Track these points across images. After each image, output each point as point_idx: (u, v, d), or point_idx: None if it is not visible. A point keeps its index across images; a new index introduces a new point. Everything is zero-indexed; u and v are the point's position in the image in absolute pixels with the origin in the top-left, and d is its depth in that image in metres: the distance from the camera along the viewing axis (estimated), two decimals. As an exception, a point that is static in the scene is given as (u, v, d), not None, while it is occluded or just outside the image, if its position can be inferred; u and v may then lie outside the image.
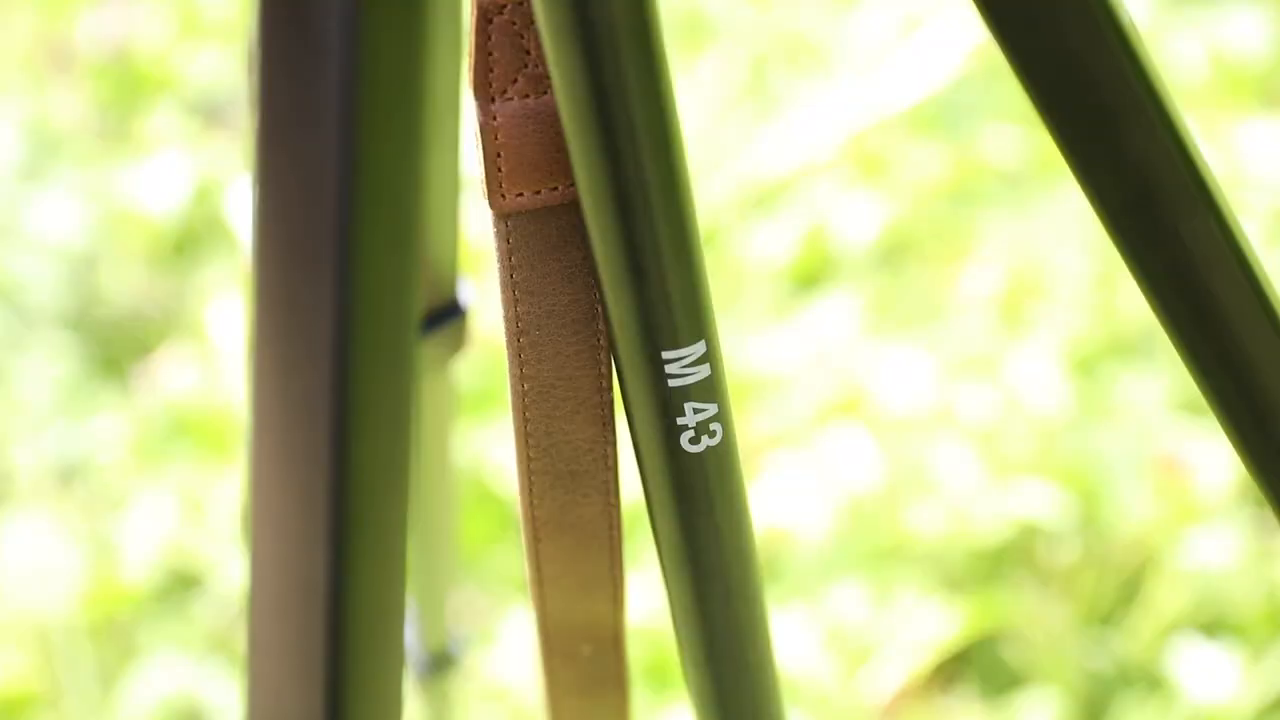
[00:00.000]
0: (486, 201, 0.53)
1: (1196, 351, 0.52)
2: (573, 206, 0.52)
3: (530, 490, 0.55)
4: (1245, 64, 1.63)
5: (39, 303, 1.56)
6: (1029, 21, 0.48)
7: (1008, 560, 1.33)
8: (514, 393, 0.53)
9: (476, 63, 0.51)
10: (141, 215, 1.63)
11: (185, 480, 1.39)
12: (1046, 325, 1.45)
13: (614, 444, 0.54)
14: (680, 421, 0.52)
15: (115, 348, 1.56)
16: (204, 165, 1.67)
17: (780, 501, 1.34)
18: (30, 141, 1.69)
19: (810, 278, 1.57)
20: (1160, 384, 1.39)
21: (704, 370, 0.52)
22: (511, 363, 0.53)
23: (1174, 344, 0.52)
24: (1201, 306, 0.51)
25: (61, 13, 1.85)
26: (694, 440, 0.52)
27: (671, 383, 0.52)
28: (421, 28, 0.42)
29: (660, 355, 0.52)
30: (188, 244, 1.64)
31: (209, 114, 1.76)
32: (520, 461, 0.54)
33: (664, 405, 0.52)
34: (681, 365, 0.52)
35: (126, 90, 1.78)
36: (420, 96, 0.43)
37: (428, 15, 0.42)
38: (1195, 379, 0.53)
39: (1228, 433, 0.54)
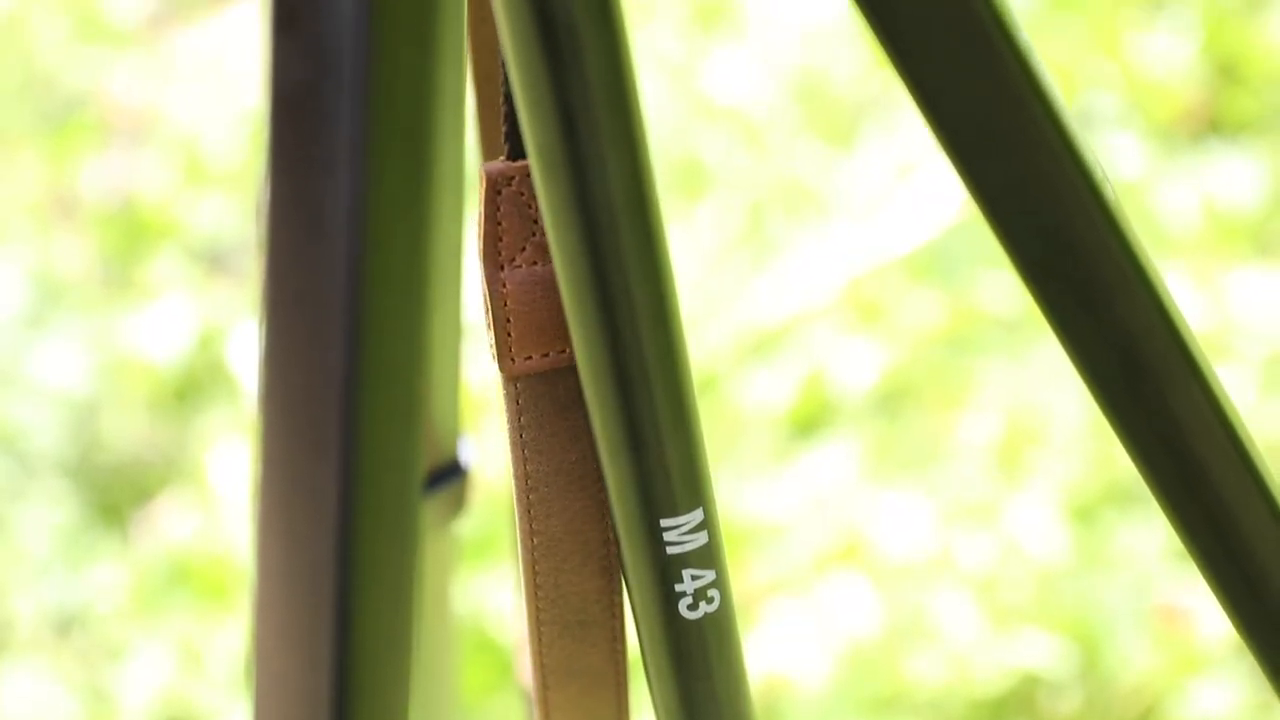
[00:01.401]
0: (496, 365, 0.53)
1: (1186, 518, 0.53)
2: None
3: (539, 640, 0.55)
4: (1237, 212, 1.64)
5: (39, 449, 1.57)
6: (1013, 196, 0.49)
7: (1008, 709, 1.32)
8: (523, 547, 0.54)
9: (486, 232, 0.52)
10: (143, 362, 1.64)
11: (184, 629, 1.39)
12: (1045, 472, 1.46)
13: (620, 592, 0.55)
14: (678, 588, 0.52)
15: (115, 494, 1.56)
16: (207, 311, 1.68)
17: (779, 648, 1.34)
18: (34, 289, 1.70)
19: (808, 423, 1.57)
20: (1159, 533, 1.39)
21: (702, 537, 0.53)
22: (521, 518, 0.54)
23: (1163, 510, 0.53)
24: (1189, 474, 0.52)
25: (66, 160, 1.87)
26: (692, 607, 0.53)
27: (670, 550, 0.52)
28: (427, 194, 0.43)
29: (659, 523, 0.52)
30: (189, 390, 1.65)
31: (212, 260, 1.78)
32: (529, 612, 0.55)
33: (662, 572, 0.52)
34: (679, 533, 0.53)
35: (130, 237, 1.79)
36: (425, 261, 0.43)
37: (433, 182, 0.43)
38: (1185, 545, 0.53)
39: (1217, 597, 0.54)
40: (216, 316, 1.68)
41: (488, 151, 0.68)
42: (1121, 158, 1.67)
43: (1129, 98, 1.71)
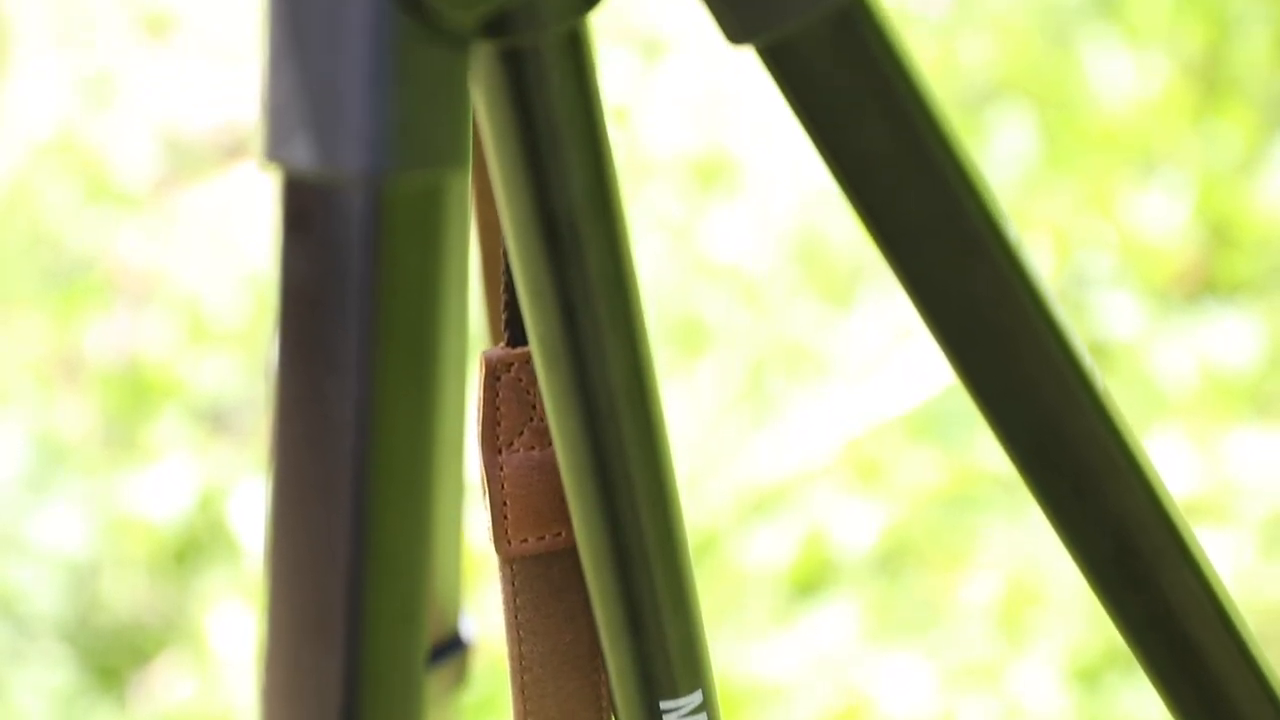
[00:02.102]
0: (492, 546, 0.54)
1: (1180, 699, 0.53)
2: (575, 550, 0.54)
3: None
4: (1234, 373, 1.65)
5: (38, 612, 1.57)
6: (1004, 386, 0.50)
7: None
8: None
9: (484, 416, 0.53)
10: (144, 522, 1.64)
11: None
12: (1047, 633, 1.45)
13: None
14: (678, 770, 0.53)
15: (114, 657, 1.56)
16: (208, 471, 1.69)
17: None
18: (36, 451, 1.71)
19: (809, 583, 1.57)
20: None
21: (701, 719, 0.53)
22: (515, 699, 0.55)
23: (1158, 691, 0.53)
24: (1181, 656, 0.53)
25: (71, 321, 1.88)
26: (692, 786, 0.53)
27: (669, 732, 0.53)
28: (432, 388, 0.44)
29: (658, 705, 0.53)
30: (190, 551, 1.65)
31: (215, 419, 1.79)
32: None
33: (662, 754, 0.53)
34: (679, 715, 0.53)
35: (133, 397, 1.80)
36: (430, 450, 0.44)
37: (438, 376, 0.44)
38: None
39: None
40: (218, 476, 1.68)
41: (491, 327, 0.70)
42: (1117, 318, 1.68)
43: (1124, 258, 1.73)
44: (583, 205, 0.47)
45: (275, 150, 0.41)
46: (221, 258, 1.91)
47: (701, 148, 1.95)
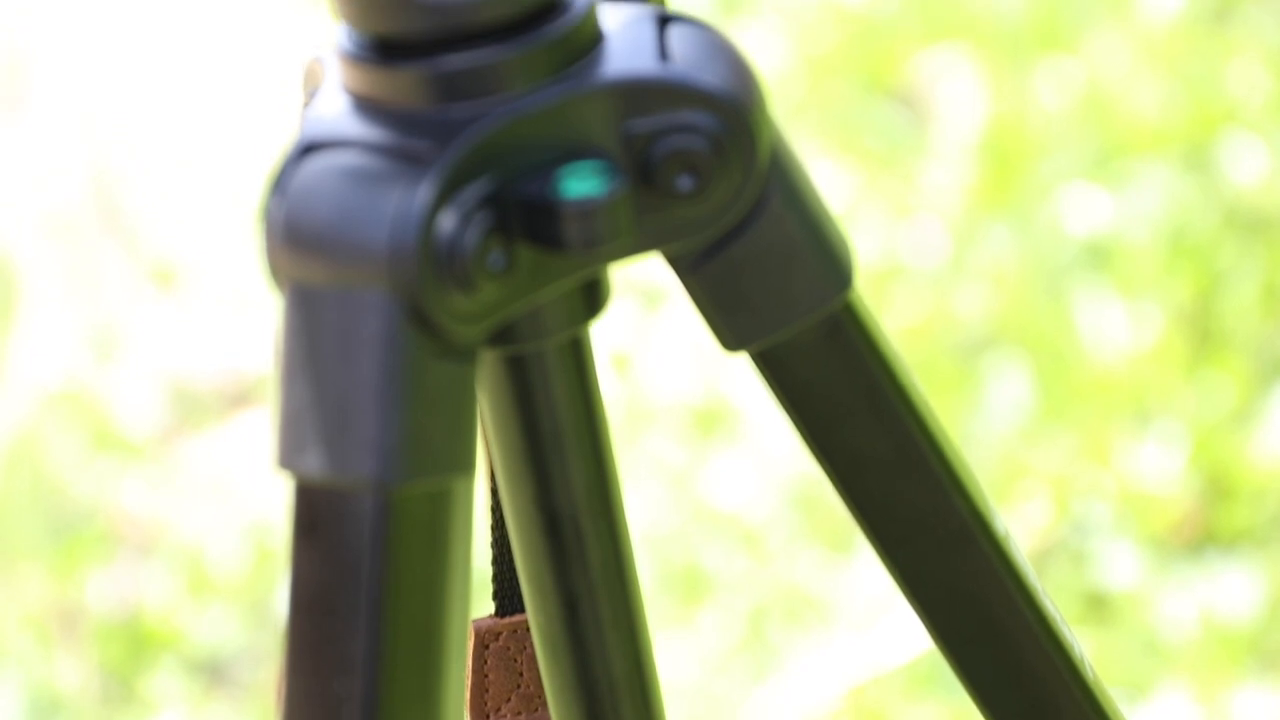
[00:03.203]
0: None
1: None
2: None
3: None
4: (1236, 625, 1.66)
5: None
6: (993, 674, 0.51)
7: None
8: None
9: (473, 684, 0.55)
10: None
11: None
12: None
13: None
14: None
15: None
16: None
17: None
18: (30, 705, 1.70)
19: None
20: None
21: None
22: None
23: None
24: None
25: (72, 573, 1.89)
26: None
27: None
28: (439, 686, 0.45)
29: None
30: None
31: (213, 672, 1.78)
32: None
33: None
34: None
35: (132, 650, 1.80)
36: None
37: (445, 674, 0.45)
38: None
39: None
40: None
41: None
42: (1116, 568, 1.69)
43: (1122, 508, 1.74)
44: (584, 502, 0.49)
45: (288, 459, 0.43)
46: (224, 507, 1.92)
47: (701, 395, 1.97)
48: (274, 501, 1.85)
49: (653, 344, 2.00)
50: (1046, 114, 1.92)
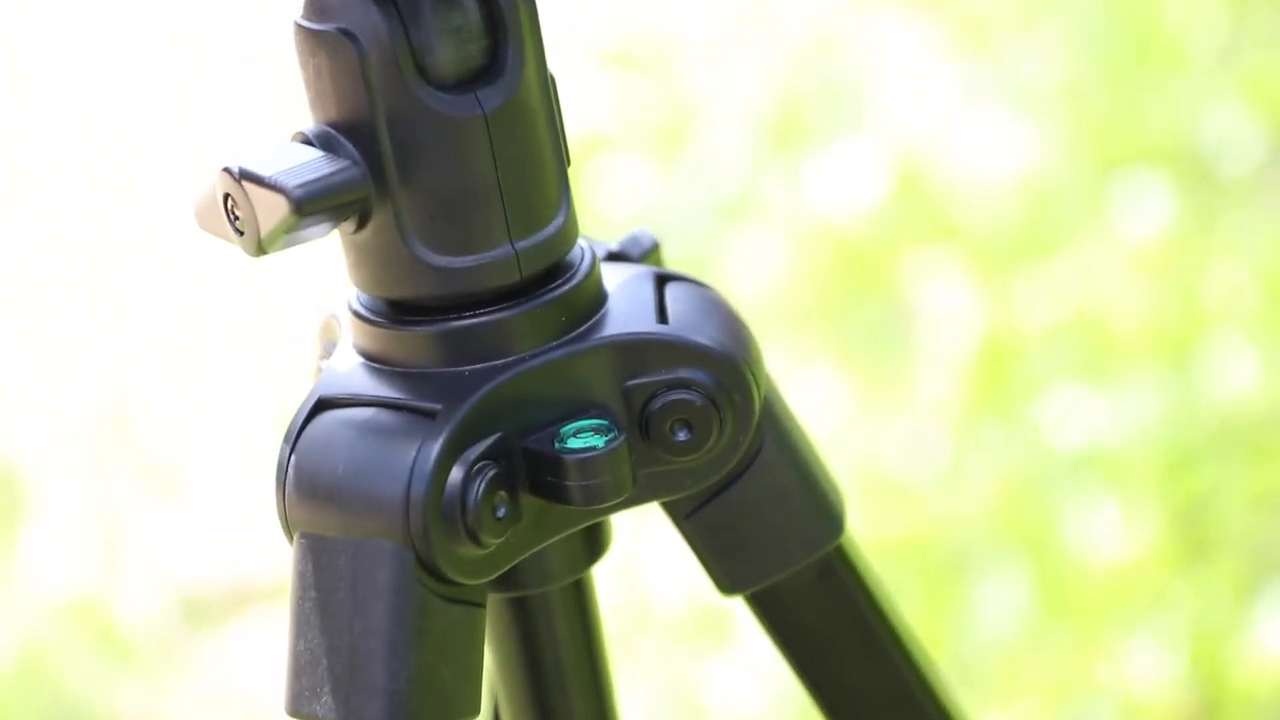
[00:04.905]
0: None
1: None
2: None
3: None
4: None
5: None
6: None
7: None
8: None
9: None
10: None
11: None
12: None
13: None
14: None
15: None
16: None
17: None
18: None
19: None
20: None
21: None
22: None
23: None
24: None
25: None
26: None
27: None
28: None
29: None
30: None
31: None
32: None
33: None
34: None
35: None
36: None
37: None
38: None
39: None
40: None
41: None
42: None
43: (1120, 713, 1.74)
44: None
45: (300, 705, 0.45)
46: (230, 712, 1.92)
47: (698, 600, 1.99)
48: (278, 705, 1.85)
49: (650, 548, 2.01)
50: (1036, 320, 1.95)
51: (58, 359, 2.15)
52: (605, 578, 0.55)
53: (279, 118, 2.26)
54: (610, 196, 2.13)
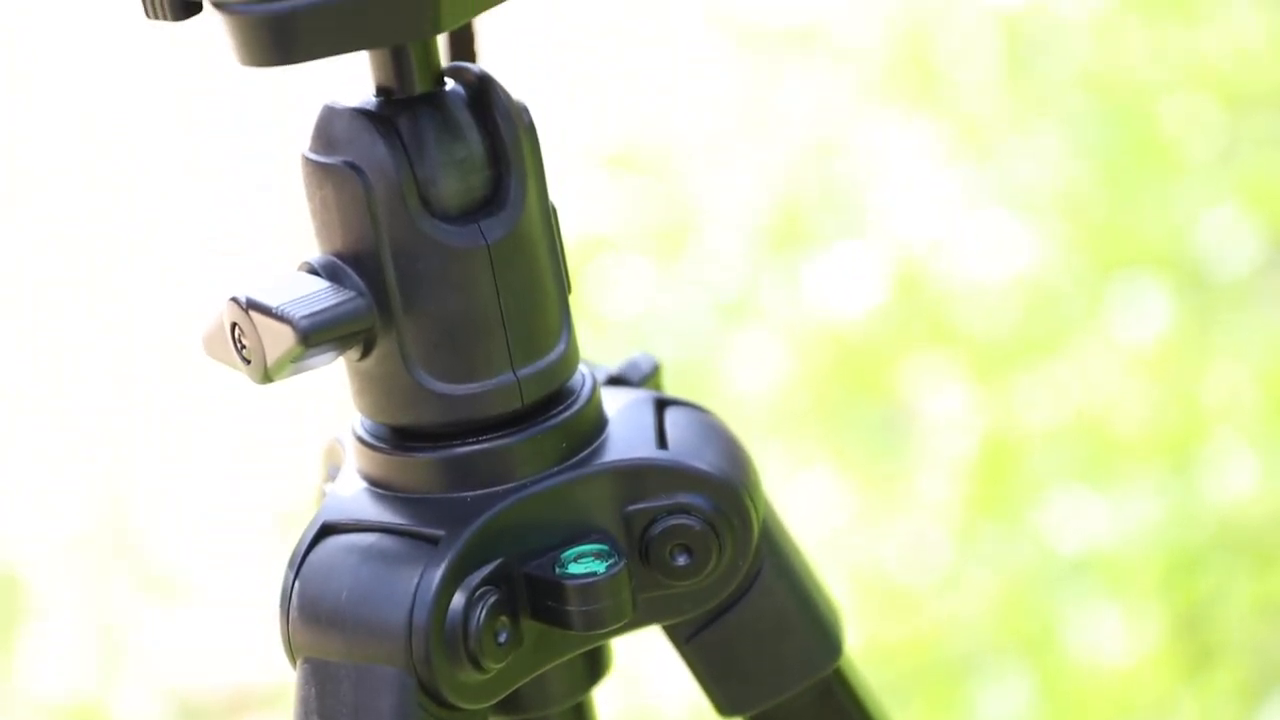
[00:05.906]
0: None
1: None
2: None
3: None
4: None
5: None
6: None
7: None
8: None
9: None
10: None
11: None
12: None
13: None
14: None
15: None
16: None
17: None
18: None
19: None
20: None
21: None
22: None
23: None
24: None
25: None
26: None
27: None
28: None
29: None
30: None
31: None
32: None
33: None
34: None
35: None
36: None
37: None
38: None
39: None
40: None
41: None
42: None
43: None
44: None
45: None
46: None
47: (699, 712, 1.98)
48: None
49: (652, 658, 2.01)
50: (1035, 423, 1.95)
51: (58, 448, 2.16)
52: (607, 689, 0.56)
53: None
54: (611, 298, 2.14)
